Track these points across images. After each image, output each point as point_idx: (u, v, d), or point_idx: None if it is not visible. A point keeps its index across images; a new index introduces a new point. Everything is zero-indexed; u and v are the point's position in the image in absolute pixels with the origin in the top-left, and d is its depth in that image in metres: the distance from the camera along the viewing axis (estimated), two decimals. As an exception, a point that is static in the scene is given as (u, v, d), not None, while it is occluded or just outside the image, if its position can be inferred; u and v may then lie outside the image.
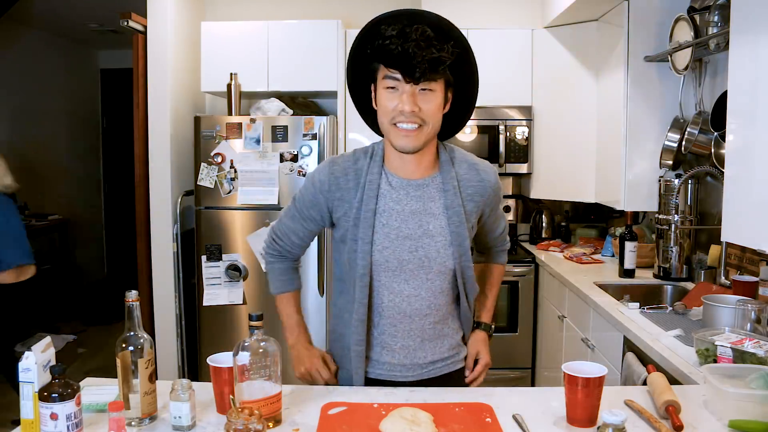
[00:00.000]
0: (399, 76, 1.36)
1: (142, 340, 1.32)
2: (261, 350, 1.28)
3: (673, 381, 1.60)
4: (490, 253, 1.80)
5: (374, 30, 1.42)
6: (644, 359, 2.00)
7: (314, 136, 3.42)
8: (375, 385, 1.57)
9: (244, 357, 1.27)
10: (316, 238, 1.73)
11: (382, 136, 1.51)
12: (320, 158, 3.41)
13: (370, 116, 1.56)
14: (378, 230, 1.48)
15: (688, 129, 2.71)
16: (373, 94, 1.48)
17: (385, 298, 1.52)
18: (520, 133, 3.68)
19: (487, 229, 1.69)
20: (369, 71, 1.46)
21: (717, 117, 2.48)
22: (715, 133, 2.51)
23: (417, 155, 1.47)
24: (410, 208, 1.49)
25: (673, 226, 2.81)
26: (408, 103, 1.37)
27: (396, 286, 1.51)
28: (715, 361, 1.64)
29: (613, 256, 3.40)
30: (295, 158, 3.42)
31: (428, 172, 1.51)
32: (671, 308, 2.35)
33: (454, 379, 1.63)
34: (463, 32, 1.47)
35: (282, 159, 3.42)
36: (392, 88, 1.39)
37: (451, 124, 1.55)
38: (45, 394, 1.18)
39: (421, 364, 1.58)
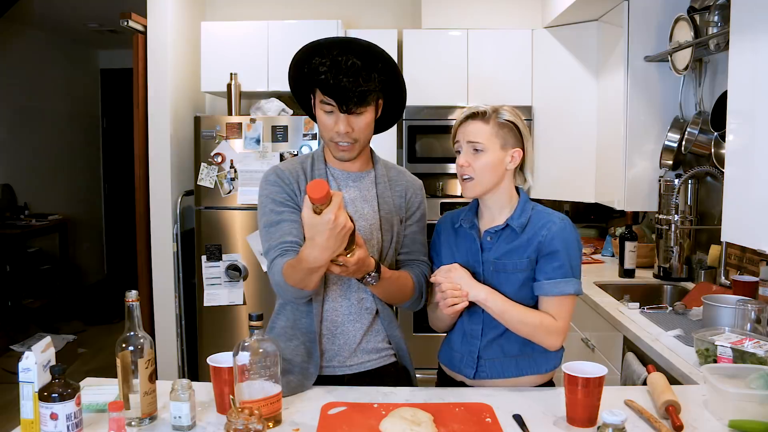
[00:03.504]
0: (334, 103, 1.50)
1: (142, 340, 1.32)
2: (261, 350, 1.28)
3: (673, 381, 1.60)
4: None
5: (309, 58, 1.54)
6: (644, 359, 2.00)
7: (314, 136, 3.41)
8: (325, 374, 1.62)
9: (244, 357, 1.27)
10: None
11: None
12: (320, 158, 3.41)
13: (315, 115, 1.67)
14: None
15: (688, 129, 2.71)
16: (313, 101, 1.61)
17: (330, 275, 1.59)
18: (520, 133, 3.67)
19: (404, 239, 1.69)
20: (308, 84, 1.59)
21: (717, 117, 2.48)
22: (715, 133, 2.51)
23: None
24: (349, 195, 1.63)
25: (673, 226, 2.81)
26: (343, 125, 1.53)
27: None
28: (715, 361, 1.64)
29: (613, 256, 3.39)
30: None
31: (364, 168, 1.68)
32: (671, 308, 2.35)
33: (386, 373, 1.66)
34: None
35: (282, 159, 3.42)
36: (329, 112, 1.54)
37: (384, 122, 1.71)
38: (45, 394, 1.18)
39: (357, 346, 1.62)
